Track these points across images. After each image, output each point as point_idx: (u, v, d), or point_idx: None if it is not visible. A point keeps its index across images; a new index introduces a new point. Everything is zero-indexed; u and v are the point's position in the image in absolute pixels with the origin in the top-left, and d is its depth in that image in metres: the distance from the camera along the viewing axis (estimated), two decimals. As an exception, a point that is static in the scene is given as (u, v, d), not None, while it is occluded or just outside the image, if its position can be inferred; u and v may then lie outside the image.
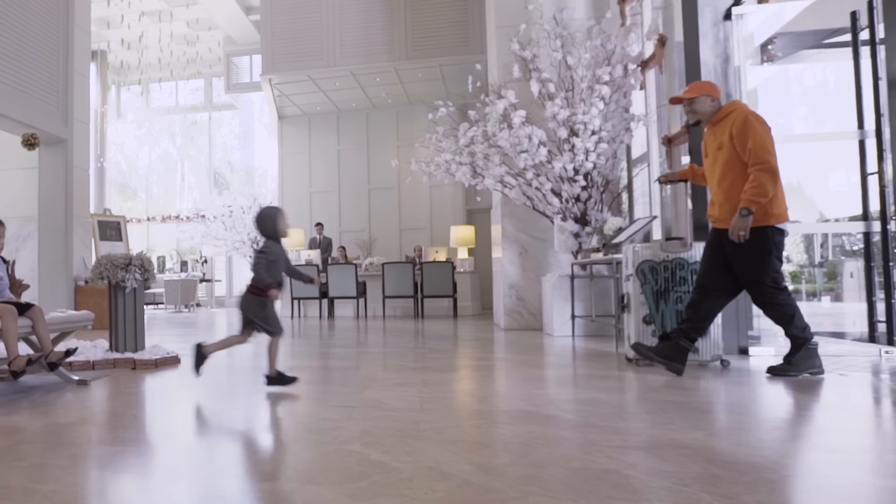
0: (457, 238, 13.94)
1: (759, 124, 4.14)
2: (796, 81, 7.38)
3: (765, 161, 4.00)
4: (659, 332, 4.79)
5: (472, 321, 11.16)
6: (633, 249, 4.81)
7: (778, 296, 4.17)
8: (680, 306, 4.83)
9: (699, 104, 4.47)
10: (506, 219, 8.92)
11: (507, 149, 6.61)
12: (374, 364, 5.35)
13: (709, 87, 4.50)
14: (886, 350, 5.43)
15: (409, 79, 14.44)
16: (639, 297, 4.83)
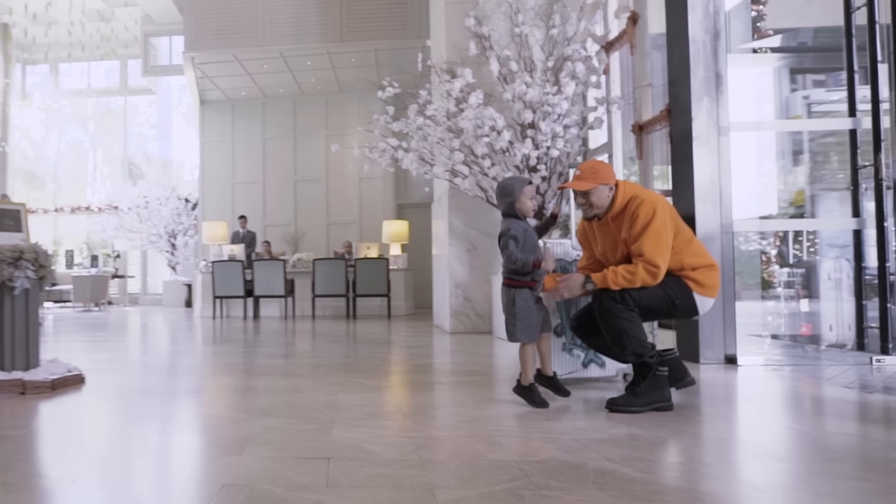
0: (390, 233, 13.31)
1: (663, 227, 3.30)
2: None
3: (655, 266, 3.24)
4: (569, 345, 4.11)
5: (408, 322, 10.47)
6: (545, 246, 3.97)
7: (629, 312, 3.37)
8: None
9: (597, 196, 3.42)
10: (453, 212, 8.24)
11: (470, 131, 5.90)
12: (326, 382, 4.42)
13: (605, 172, 3.47)
14: (878, 359, 5.12)
15: (342, 63, 13.62)
16: (550, 303, 3.88)
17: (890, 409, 3.44)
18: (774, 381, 4.38)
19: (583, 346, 4.05)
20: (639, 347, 3.31)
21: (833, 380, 4.33)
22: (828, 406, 3.61)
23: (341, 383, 4.36)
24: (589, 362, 4.10)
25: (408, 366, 5.40)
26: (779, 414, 3.47)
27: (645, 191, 3.47)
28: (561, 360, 4.04)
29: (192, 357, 6.13)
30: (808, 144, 6.77)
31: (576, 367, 4.06)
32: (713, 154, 5.34)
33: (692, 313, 3.48)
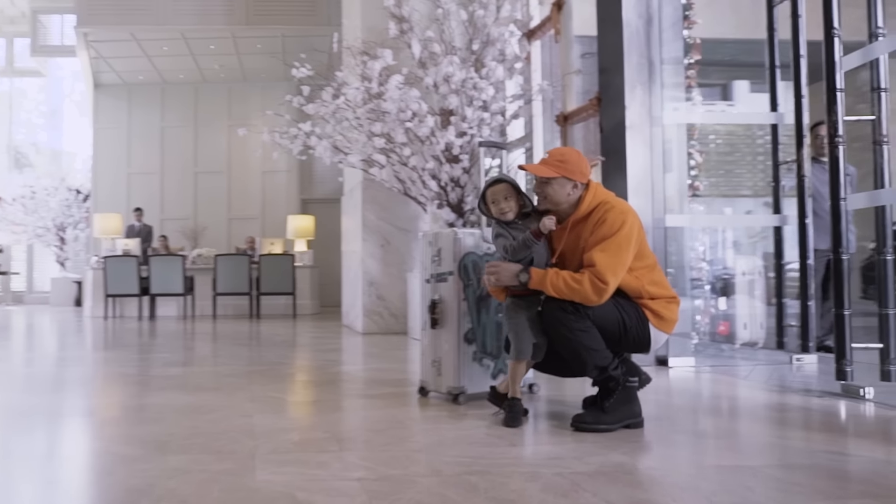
0: (295, 229, 12.81)
1: (626, 242, 2.83)
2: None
3: (604, 282, 2.75)
4: (480, 352, 3.53)
5: (316, 322, 9.96)
6: (455, 237, 3.46)
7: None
8: (500, 316, 3.49)
9: (555, 190, 2.91)
10: (367, 205, 7.77)
11: (393, 114, 5.44)
12: (236, 397, 3.73)
13: (575, 165, 2.92)
14: (798, 357, 5.00)
15: (247, 49, 12.94)
16: (460, 304, 3.47)
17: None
18: (714, 385, 4.14)
19: (493, 356, 3.55)
20: (600, 360, 2.87)
21: (773, 383, 4.14)
22: (799, 415, 3.35)
23: (255, 398, 3.69)
24: (498, 373, 3.56)
25: (327, 374, 4.83)
26: (756, 427, 3.14)
27: (617, 199, 3.02)
28: (470, 372, 3.48)
29: (78, 366, 5.32)
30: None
31: (486, 378, 3.53)
32: (646, 145, 5.09)
33: (643, 347, 2.99)
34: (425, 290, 3.65)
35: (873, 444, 2.72)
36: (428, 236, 3.65)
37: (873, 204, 4.09)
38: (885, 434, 2.92)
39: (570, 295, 2.80)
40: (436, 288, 3.55)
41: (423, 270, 3.67)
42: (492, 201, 3.05)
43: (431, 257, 3.57)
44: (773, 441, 2.75)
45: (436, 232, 3.62)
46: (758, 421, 3.18)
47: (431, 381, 3.58)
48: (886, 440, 2.80)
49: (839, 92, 4.03)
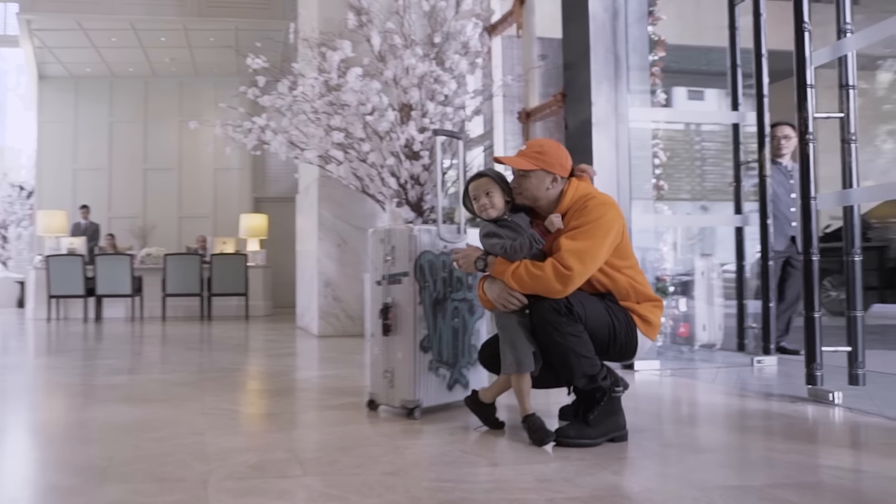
0: (247, 228, 12.52)
1: (604, 232, 2.60)
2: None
3: (568, 268, 2.52)
4: (436, 361, 3.20)
5: (269, 324, 9.67)
6: (410, 234, 3.13)
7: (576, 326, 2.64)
8: (457, 321, 3.31)
9: (533, 184, 2.72)
10: (323, 203, 7.52)
11: (353, 107, 5.19)
12: (186, 409, 3.40)
13: (554, 157, 2.72)
14: (759, 360, 4.94)
15: (199, 42, 12.58)
16: (416, 308, 3.13)
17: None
18: (685, 391, 4.00)
19: (449, 365, 3.24)
20: (590, 367, 2.64)
21: (742, 388, 4.02)
22: (779, 423, 3.22)
23: (206, 411, 3.38)
24: (454, 383, 3.28)
25: (283, 382, 4.50)
26: (743, 438, 2.95)
27: (602, 193, 2.83)
28: (426, 383, 3.15)
29: (15, 375, 4.90)
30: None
31: (441, 390, 3.23)
32: (612, 143, 4.96)
33: (628, 354, 2.77)
34: (377, 293, 3.29)
35: (871, 458, 2.58)
36: (379, 233, 3.29)
37: (843, 204, 4.00)
38: (875, 445, 2.80)
39: (532, 285, 2.59)
40: (389, 290, 3.20)
41: (373, 271, 3.31)
42: (474, 197, 2.81)
43: (384, 256, 3.23)
44: (768, 455, 2.55)
45: (388, 228, 3.27)
46: (742, 431, 3.01)
47: (383, 393, 3.22)
48: (881, 453, 2.66)
49: (810, 88, 3.94)
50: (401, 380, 3.14)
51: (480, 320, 3.39)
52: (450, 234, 3.25)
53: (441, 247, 3.20)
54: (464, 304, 3.34)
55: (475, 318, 3.38)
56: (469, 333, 3.34)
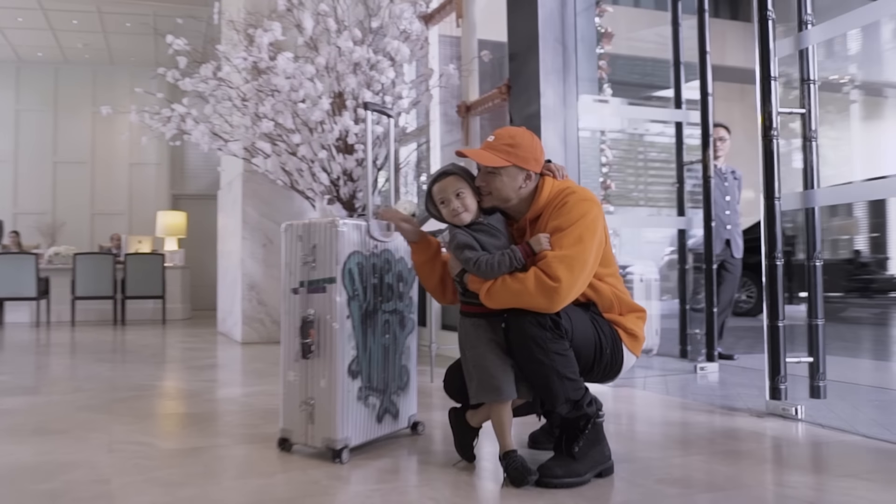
0: (165, 226, 11.86)
1: (591, 235, 2.23)
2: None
3: (555, 279, 2.13)
4: (365, 388, 2.65)
5: (188, 329, 9.07)
6: (336, 230, 2.55)
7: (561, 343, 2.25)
8: (387, 338, 2.79)
9: (504, 183, 2.32)
10: (248, 200, 7.02)
11: (284, 93, 4.70)
12: (92, 444, 2.85)
13: (528, 150, 2.33)
14: (702, 366, 4.79)
15: (115, 27, 11.81)
16: (344, 323, 2.55)
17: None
18: (644, 406, 3.71)
19: (379, 391, 2.72)
20: (574, 391, 2.26)
21: (699, 399, 3.76)
22: (762, 446, 2.93)
23: (114, 447, 2.80)
24: (384, 413, 2.77)
25: (205, 403, 3.86)
26: (733, 467, 2.61)
27: (580, 186, 2.44)
28: (356, 416, 2.60)
29: None
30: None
31: (371, 422, 2.70)
32: (560, 138, 4.66)
33: (612, 374, 2.42)
34: (293, 304, 2.65)
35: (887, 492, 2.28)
36: (296, 229, 2.66)
37: (805, 206, 3.80)
38: (875, 472, 2.53)
39: (512, 302, 2.20)
40: (309, 301, 2.59)
41: (288, 276, 2.67)
42: (440, 201, 2.36)
43: (302, 257, 2.62)
44: (781, 492, 2.22)
45: (307, 222, 2.64)
46: (729, 458, 2.61)
47: (299, 430, 2.61)
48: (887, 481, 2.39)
49: (774, 81, 3.73)
50: (324, 413, 2.54)
51: (411, 335, 2.95)
52: (380, 232, 2.77)
53: (371, 246, 2.70)
54: (395, 317, 2.84)
55: (406, 334, 2.92)
56: (399, 352, 2.87)
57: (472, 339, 2.35)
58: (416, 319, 3.00)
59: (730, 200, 5.50)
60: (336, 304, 2.52)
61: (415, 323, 2.97)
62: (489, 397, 2.28)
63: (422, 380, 4.40)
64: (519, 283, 2.18)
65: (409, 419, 2.94)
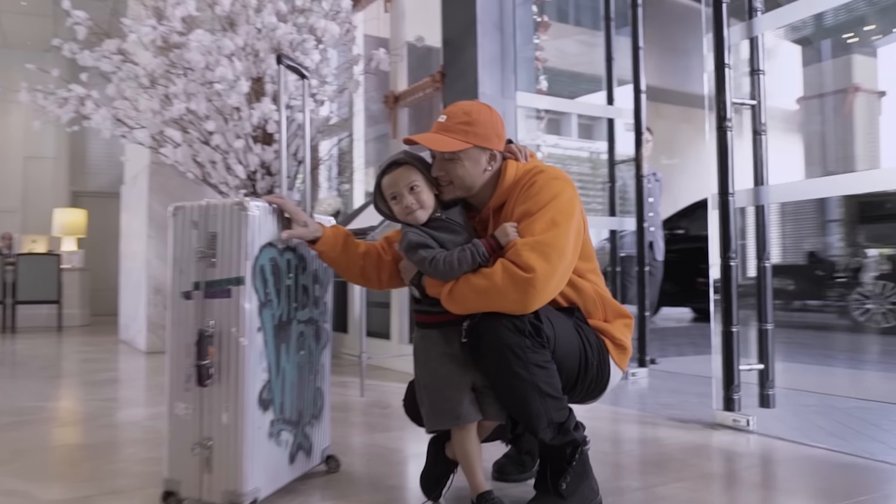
0: (62, 224, 10.98)
1: (566, 218, 1.88)
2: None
3: (528, 269, 1.78)
4: (278, 421, 2.09)
5: (87, 337, 8.35)
6: (244, 215, 1.98)
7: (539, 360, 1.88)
8: (303, 354, 2.26)
9: (466, 169, 1.98)
10: (155, 195, 6.46)
11: (199, 72, 4.19)
12: None
13: (488, 127, 1.99)
14: (633, 372, 4.63)
15: (9, 6, 10.90)
16: (255, 339, 1.99)
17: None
18: (586, 416, 3.42)
19: (292, 424, 2.18)
20: (558, 412, 1.88)
21: (642, 410, 3.55)
22: (738, 466, 2.68)
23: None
24: (297, 451, 2.23)
25: (102, 431, 3.18)
26: (724, 496, 2.34)
27: (549, 165, 2.08)
28: (266, 458, 2.03)
29: None
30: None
31: (282, 464, 2.14)
32: (500, 130, 4.36)
33: (595, 393, 2.07)
34: (184, 313, 2.01)
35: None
36: (189, 212, 2.03)
37: (755, 203, 3.64)
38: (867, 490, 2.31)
39: (479, 303, 1.82)
40: (206, 309, 1.98)
41: (177, 275, 2.04)
42: (391, 197, 2.00)
43: (197, 251, 2.01)
44: None
45: (204, 204, 2.03)
46: (710, 482, 2.35)
47: (191, 480, 1.98)
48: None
49: (728, 69, 3.53)
50: (226, 458, 1.93)
51: (326, 350, 2.43)
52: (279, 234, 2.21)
53: (285, 237, 2.13)
54: (310, 328, 2.31)
55: (321, 348, 2.40)
56: (315, 371, 2.34)
57: (420, 355, 1.99)
58: (331, 329, 2.52)
59: (652, 202, 5.37)
60: (244, 313, 1.94)
61: (330, 335, 2.48)
62: (445, 422, 1.90)
63: (350, 394, 4.01)
64: (485, 278, 1.82)
65: (322, 453, 2.41)
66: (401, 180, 1.98)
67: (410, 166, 2.00)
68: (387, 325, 5.30)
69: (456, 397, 1.88)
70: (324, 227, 2.17)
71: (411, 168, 1.99)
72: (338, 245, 2.17)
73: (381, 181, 2.03)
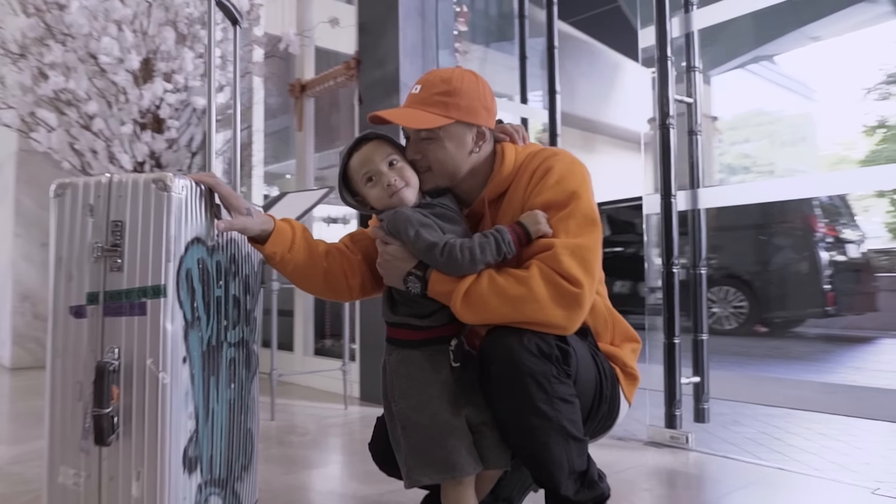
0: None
1: (594, 213, 1.55)
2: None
3: (576, 282, 1.44)
4: (206, 483, 1.55)
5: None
6: (167, 196, 1.41)
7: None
8: (233, 388, 1.73)
9: (447, 150, 1.61)
10: (23, 187, 5.75)
11: (81, 40, 3.60)
12: None
13: (475, 97, 1.61)
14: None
15: None
16: (179, 374, 1.41)
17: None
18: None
19: (221, 485, 1.64)
20: (580, 458, 1.50)
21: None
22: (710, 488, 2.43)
23: None
24: None
25: None
26: None
27: (557, 148, 1.77)
28: None
29: None
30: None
31: None
32: (422, 123, 4.02)
33: (603, 429, 1.72)
34: (71, 338, 1.42)
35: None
36: (83, 191, 1.45)
37: (692, 207, 3.47)
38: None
39: (504, 310, 1.43)
40: (107, 332, 1.41)
41: (64, 282, 1.44)
42: (366, 179, 1.59)
43: (93, 248, 1.42)
44: None
45: (106, 181, 1.45)
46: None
47: None
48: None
49: (670, 62, 3.37)
50: None
51: (255, 379, 1.91)
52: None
53: (213, 233, 1.61)
54: (240, 353, 1.78)
55: (251, 377, 1.88)
56: (244, 408, 1.81)
57: (399, 385, 1.55)
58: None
59: None
60: (166, 338, 1.39)
61: (258, 359, 1.97)
62: (436, 474, 1.48)
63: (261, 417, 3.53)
64: (519, 283, 1.43)
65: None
66: (375, 155, 1.59)
67: (381, 140, 1.63)
68: (290, 335, 4.85)
69: (451, 442, 1.47)
70: (274, 219, 1.65)
71: (383, 142, 1.62)
72: (296, 243, 1.65)
73: (349, 165, 1.62)
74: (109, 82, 3.89)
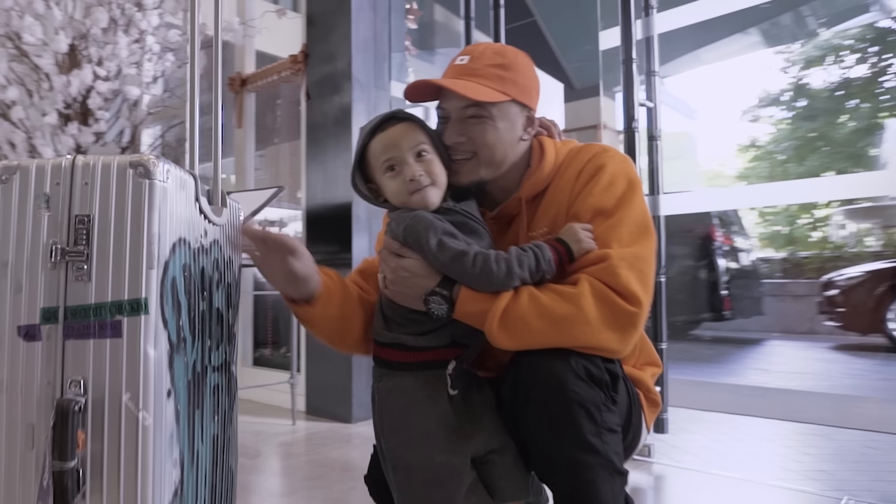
0: None
1: (648, 220, 1.35)
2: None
3: (633, 298, 1.23)
4: None
5: None
6: (152, 181, 1.09)
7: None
8: (217, 421, 1.41)
9: (499, 132, 1.36)
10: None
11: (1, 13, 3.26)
12: None
13: (525, 68, 1.40)
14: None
15: None
16: (164, 411, 1.09)
17: None
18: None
19: None
20: (622, 497, 1.26)
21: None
22: None
23: None
24: None
25: None
26: None
27: (601, 144, 1.45)
28: None
29: None
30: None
31: None
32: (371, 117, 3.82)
33: (627, 456, 1.44)
34: (20, 368, 1.08)
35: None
36: (37, 176, 1.10)
37: (652, 213, 3.37)
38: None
39: (550, 334, 1.22)
40: (70, 359, 1.07)
41: (1, 298, 1.09)
42: (387, 166, 1.33)
43: (49, 249, 1.08)
44: None
45: (69, 163, 1.11)
46: None
47: None
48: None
49: (635, 64, 3.27)
50: None
51: (236, 404, 1.56)
52: (211, 206, 1.36)
53: (200, 232, 1.29)
54: (223, 379, 1.44)
55: (231, 403, 1.53)
56: (226, 443, 1.47)
57: (391, 420, 1.31)
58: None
59: None
60: (148, 366, 1.07)
61: (237, 383, 1.59)
62: None
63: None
64: (566, 302, 1.22)
65: None
66: (403, 140, 1.31)
67: (413, 123, 1.34)
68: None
69: (449, 485, 1.24)
70: (318, 270, 1.40)
71: (415, 126, 1.34)
72: (335, 299, 1.41)
73: (369, 146, 1.35)
74: (31, 66, 3.56)
